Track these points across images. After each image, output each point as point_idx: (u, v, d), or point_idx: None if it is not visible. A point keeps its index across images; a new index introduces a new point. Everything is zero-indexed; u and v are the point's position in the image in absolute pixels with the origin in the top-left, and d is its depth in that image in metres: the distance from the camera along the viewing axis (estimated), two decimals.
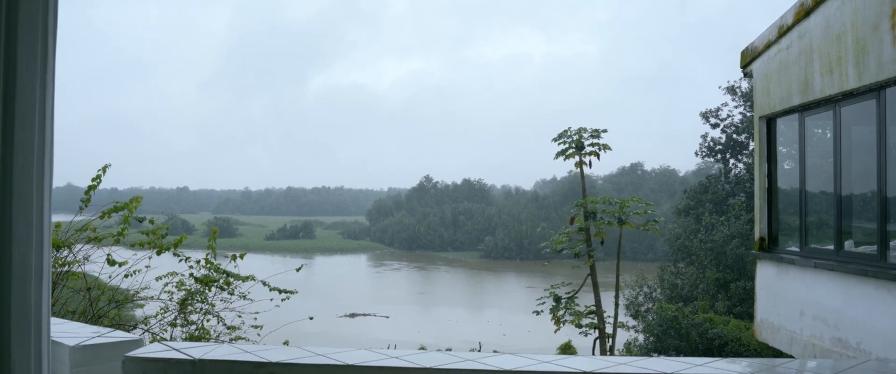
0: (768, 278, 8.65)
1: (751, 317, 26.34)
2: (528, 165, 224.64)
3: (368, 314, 51.41)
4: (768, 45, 8.90)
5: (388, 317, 49.97)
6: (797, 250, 8.12)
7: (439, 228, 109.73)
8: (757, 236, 9.02)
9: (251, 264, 10.55)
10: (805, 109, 7.96)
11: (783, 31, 8.39)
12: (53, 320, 3.01)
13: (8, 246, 1.88)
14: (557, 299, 18.26)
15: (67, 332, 2.74)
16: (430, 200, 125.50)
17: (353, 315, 50.70)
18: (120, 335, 2.74)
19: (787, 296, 8.05)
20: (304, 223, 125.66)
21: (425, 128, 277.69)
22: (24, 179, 1.90)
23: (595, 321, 17.90)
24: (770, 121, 9.05)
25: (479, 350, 19.90)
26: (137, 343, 2.80)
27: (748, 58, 9.62)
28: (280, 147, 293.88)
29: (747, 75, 10.07)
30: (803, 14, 7.84)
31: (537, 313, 19.25)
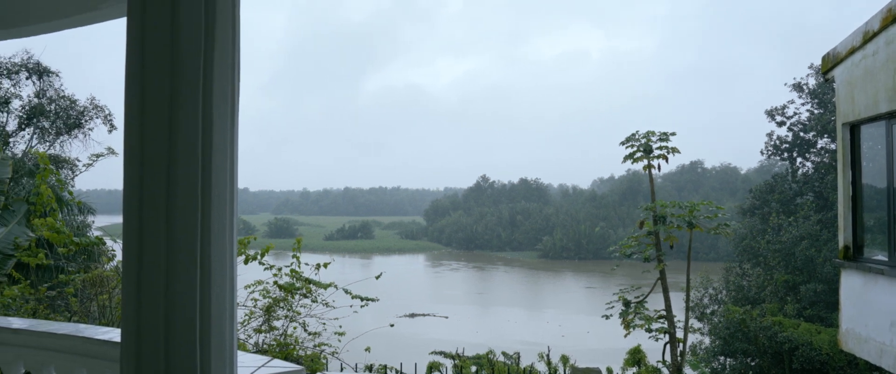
0: (854, 287, 8.52)
1: (822, 321, 25.74)
2: (586, 164, 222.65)
3: (428, 315, 51.73)
4: (852, 51, 8.77)
5: (447, 317, 50.18)
6: (885, 259, 7.99)
7: (497, 227, 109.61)
8: (841, 244, 8.90)
9: (313, 264, 10.84)
10: (893, 116, 7.84)
11: (868, 36, 8.27)
12: None
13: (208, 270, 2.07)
14: (627, 304, 18.19)
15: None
16: (487, 199, 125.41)
17: (412, 315, 51.07)
18: (281, 365, 2.93)
19: (875, 306, 7.93)
20: (363, 223, 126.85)
21: (481, 126, 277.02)
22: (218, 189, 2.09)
23: (665, 326, 17.77)
24: (854, 128, 8.91)
25: (548, 353, 19.95)
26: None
27: (830, 63, 9.49)
28: (337, 148, 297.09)
29: (829, 81, 9.91)
30: (891, 20, 7.72)
31: (607, 316, 19.19)
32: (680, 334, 18.20)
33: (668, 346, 17.87)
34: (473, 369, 20.34)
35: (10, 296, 9.37)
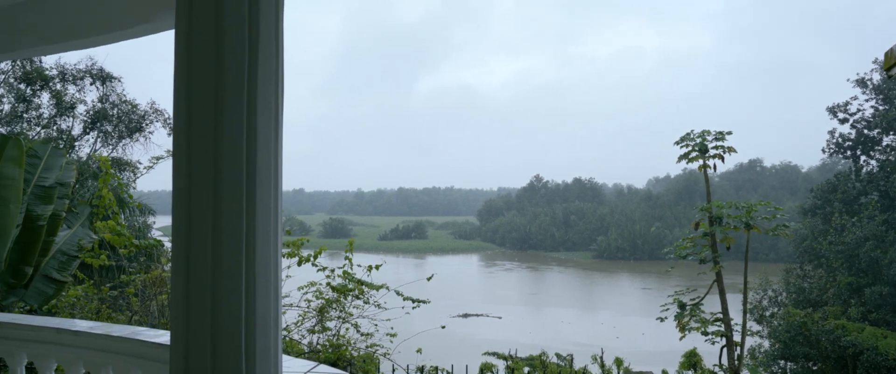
0: None
1: (888, 325, 24.90)
2: (641, 163, 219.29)
3: (481, 315, 51.70)
4: None
5: (500, 318, 50.09)
6: None
7: (550, 227, 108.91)
8: None
9: (366, 265, 10.94)
10: None
11: None
12: None
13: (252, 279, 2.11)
14: (682, 306, 17.88)
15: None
16: (541, 199, 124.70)
17: (465, 316, 51.11)
18: (328, 371, 2.97)
19: None
20: (416, 223, 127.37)
21: (534, 126, 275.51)
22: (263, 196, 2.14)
23: (721, 329, 17.40)
24: None
25: (601, 355, 19.75)
26: None
27: (893, 60, 9.19)
28: (391, 148, 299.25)
29: (892, 77, 9.60)
30: None
31: (661, 319, 18.89)
32: (737, 337, 17.80)
33: (724, 349, 17.51)
34: (526, 370, 20.25)
35: (75, 296, 9.69)
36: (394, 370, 11.04)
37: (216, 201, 2.07)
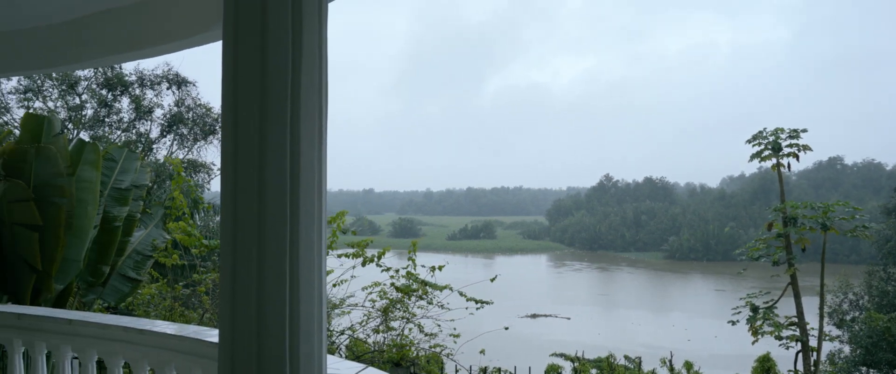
0: None
1: None
2: (714, 161, 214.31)
3: (550, 315, 51.35)
4: None
5: (569, 319, 49.64)
6: None
7: (621, 227, 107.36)
8: None
9: (435, 264, 10.99)
10: None
11: None
12: None
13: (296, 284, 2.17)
14: (755, 309, 17.39)
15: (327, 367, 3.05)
16: (611, 199, 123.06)
17: (534, 316, 50.86)
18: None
19: None
20: (485, 223, 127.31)
21: (603, 124, 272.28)
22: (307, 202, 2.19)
23: (797, 333, 16.86)
24: None
25: (671, 359, 19.38)
26: None
27: None
28: (459, 148, 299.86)
29: None
30: None
31: (733, 323, 18.43)
32: (813, 342, 17.23)
33: (800, 355, 16.96)
34: (593, 372, 20.02)
35: (149, 294, 10.05)
36: (457, 371, 11.07)
37: (261, 205, 2.14)
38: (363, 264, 10.05)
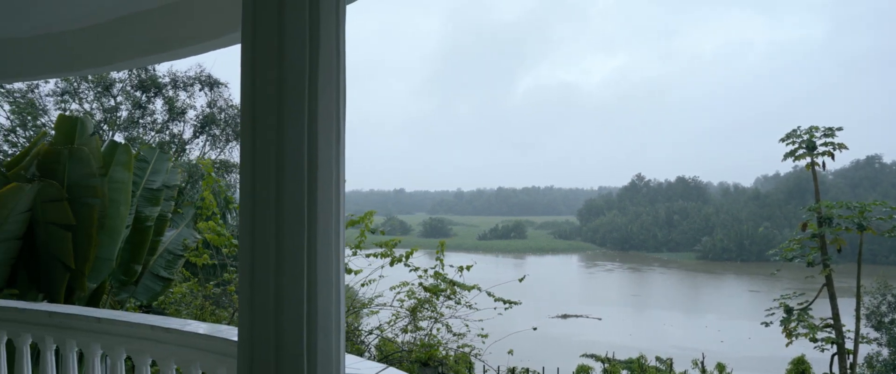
0: None
1: None
2: (748, 161, 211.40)
3: (581, 316, 51.06)
4: None
5: (600, 319, 49.32)
6: None
7: (653, 227, 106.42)
8: None
9: (466, 264, 10.97)
10: None
11: None
12: None
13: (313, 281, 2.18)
14: (789, 311, 17.11)
15: (347, 367, 3.06)
16: (643, 198, 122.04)
17: (564, 316, 50.61)
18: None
19: None
20: (516, 223, 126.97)
21: (635, 124, 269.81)
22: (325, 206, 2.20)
23: (832, 335, 16.55)
24: None
25: (702, 360, 19.18)
26: None
27: None
28: (490, 148, 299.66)
29: None
30: None
31: (766, 324, 18.16)
32: (850, 344, 16.90)
33: (835, 357, 16.65)
34: (624, 373, 19.90)
35: (180, 293, 10.18)
36: (485, 371, 11.06)
37: (278, 204, 2.15)
38: (391, 264, 10.08)
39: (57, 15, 3.84)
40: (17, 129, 24.80)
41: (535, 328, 12.43)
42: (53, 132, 8.04)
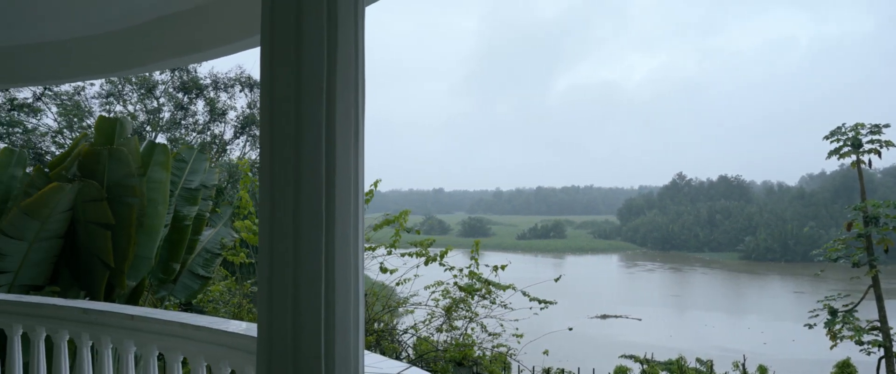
0: None
1: None
2: (793, 159, 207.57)
3: (620, 316, 50.55)
4: None
5: (640, 320, 48.77)
6: None
7: (694, 227, 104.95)
8: None
9: (506, 263, 10.92)
10: None
11: None
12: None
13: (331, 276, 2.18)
14: (833, 312, 16.72)
15: (370, 366, 3.06)
16: (684, 198, 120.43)
17: (604, 316, 50.15)
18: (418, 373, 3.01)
19: None
20: (555, 223, 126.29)
21: (676, 122, 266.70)
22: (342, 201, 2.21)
23: (879, 338, 16.13)
24: None
25: (743, 362, 18.85)
26: None
27: None
28: (529, 147, 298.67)
29: None
30: None
31: (810, 326, 17.77)
32: None
33: (883, 361, 16.23)
34: None
35: (217, 291, 10.32)
36: (520, 371, 11.01)
37: (296, 204, 2.16)
38: (426, 263, 10.11)
39: (85, 20, 3.91)
40: (64, 130, 25.36)
41: (570, 329, 12.35)
42: (94, 133, 8.19)
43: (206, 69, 26.58)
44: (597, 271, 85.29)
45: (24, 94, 26.17)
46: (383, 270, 10.22)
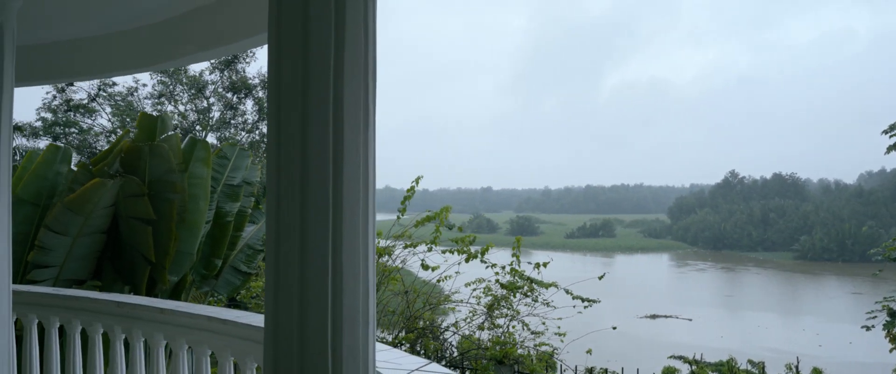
0: None
1: None
2: (850, 156, 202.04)
3: (670, 316, 49.76)
4: None
5: (690, 320, 47.94)
6: None
7: (747, 226, 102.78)
8: None
9: (552, 262, 10.76)
10: None
11: None
12: (379, 346, 3.33)
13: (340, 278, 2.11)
14: (892, 314, 16.12)
15: (389, 362, 3.01)
16: (737, 196, 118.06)
17: (653, 316, 49.42)
18: (438, 370, 2.93)
19: None
20: (604, 222, 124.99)
21: (728, 119, 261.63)
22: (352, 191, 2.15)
23: None
24: None
25: (797, 364, 18.34)
26: None
27: None
28: (578, 145, 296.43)
29: None
30: None
31: (867, 328, 17.17)
32: None
33: None
34: None
35: (259, 287, 10.38)
36: (563, 371, 10.86)
37: (303, 199, 2.11)
38: (466, 260, 10.03)
39: (111, 16, 3.94)
40: (118, 130, 25.94)
41: (614, 328, 12.12)
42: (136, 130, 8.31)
43: (254, 69, 26.95)
44: (647, 270, 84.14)
45: (80, 95, 26.87)
46: (425, 267, 10.17)
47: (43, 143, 24.43)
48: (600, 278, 11.14)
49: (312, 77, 2.11)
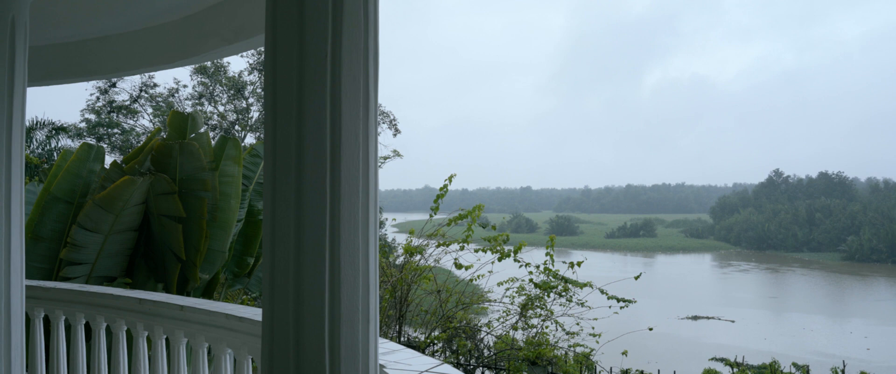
0: None
1: None
2: None
3: (712, 317, 48.96)
4: None
5: (733, 321, 47.11)
6: None
7: (792, 226, 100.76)
8: None
9: (592, 263, 10.59)
10: None
11: None
12: (392, 346, 3.24)
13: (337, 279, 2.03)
14: None
15: (399, 362, 2.91)
16: (781, 195, 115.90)
17: (695, 318, 48.68)
18: (450, 371, 2.83)
19: None
20: (645, 221, 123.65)
21: (773, 117, 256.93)
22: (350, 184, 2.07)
23: None
24: None
25: (843, 368, 17.85)
26: None
27: None
28: (618, 144, 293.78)
29: None
30: None
31: None
32: None
33: None
34: None
35: None
36: (599, 372, 10.67)
37: (299, 194, 2.05)
38: (499, 259, 9.90)
39: (124, 16, 3.92)
40: (161, 132, 26.36)
41: (650, 329, 11.88)
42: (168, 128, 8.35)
43: None
44: (688, 270, 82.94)
45: (123, 96, 27.33)
46: (458, 266, 10.08)
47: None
48: (636, 278, 10.90)
49: (310, 53, 2.04)
